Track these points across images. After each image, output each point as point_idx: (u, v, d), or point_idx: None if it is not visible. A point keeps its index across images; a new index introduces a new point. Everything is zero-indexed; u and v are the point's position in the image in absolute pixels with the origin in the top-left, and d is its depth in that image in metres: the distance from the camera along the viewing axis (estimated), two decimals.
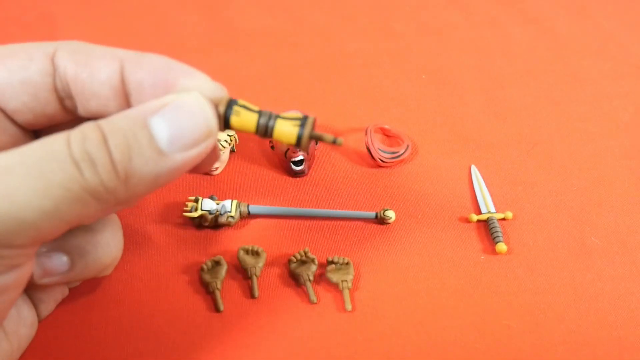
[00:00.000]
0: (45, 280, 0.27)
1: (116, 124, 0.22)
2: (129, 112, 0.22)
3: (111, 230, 0.29)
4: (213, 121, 0.23)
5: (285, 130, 0.24)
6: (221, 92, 0.24)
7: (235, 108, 0.24)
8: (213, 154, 0.26)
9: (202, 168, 0.26)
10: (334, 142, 0.25)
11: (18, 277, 0.23)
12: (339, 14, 0.55)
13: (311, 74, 0.49)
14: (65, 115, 0.26)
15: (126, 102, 0.25)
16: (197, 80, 0.24)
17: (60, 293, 0.31)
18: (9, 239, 0.20)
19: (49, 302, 0.31)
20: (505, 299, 0.34)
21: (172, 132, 0.22)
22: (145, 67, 0.24)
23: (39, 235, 0.21)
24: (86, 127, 0.22)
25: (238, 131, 0.25)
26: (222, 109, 0.24)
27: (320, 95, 0.47)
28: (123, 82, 0.25)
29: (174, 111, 0.22)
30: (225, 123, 0.24)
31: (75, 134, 0.21)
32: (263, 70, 0.49)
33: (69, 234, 0.27)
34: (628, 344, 0.32)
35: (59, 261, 0.27)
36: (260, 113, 0.24)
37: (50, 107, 0.25)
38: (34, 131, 0.27)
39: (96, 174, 0.21)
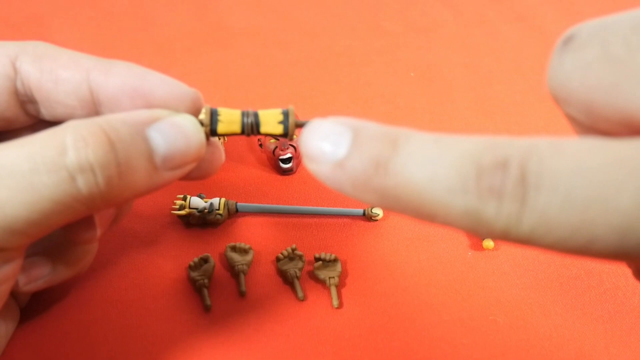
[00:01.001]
0: (30, 286, 0.27)
1: (119, 131, 0.21)
2: (125, 118, 0.22)
3: None
4: (204, 147, 0.23)
5: (270, 124, 0.24)
6: (199, 98, 0.24)
7: (220, 115, 0.24)
8: (216, 159, 0.26)
9: (204, 174, 0.26)
10: None
11: (12, 269, 0.23)
12: (328, 13, 0.56)
13: (300, 72, 0.49)
14: (26, 119, 0.26)
15: (95, 111, 0.24)
16: (174, 88, 0.24)
17: None
18: (1, 245, 0.21)
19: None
20: (492, 294, 0.34)
21: (168, 151, 0.22)
22: (117, 76, 0.24)
23: (29, 239, 0.21)
24: (86, 131, 0.20)
25: (224, 136, 0.25)
26: (207, 121, 0.24)
27: (310, 93, 0.47)
28: (91, 92, 0.24)
29: (171, 130, 0.22)
30: (212, 133, 0.24)
31: (73, 139, 0.20)
32: (252, 69, 0.49)
33: (48, 237, 0.27)
34: (615, 338, 0.32)
35: (42, 266, 0.27)
36: (242, 114, 0.24)
37: (10, 111, 0.25)
38: None
39: (96, 185, 0.20)
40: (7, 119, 0.25)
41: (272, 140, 0.39)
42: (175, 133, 0.22)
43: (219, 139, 0.40)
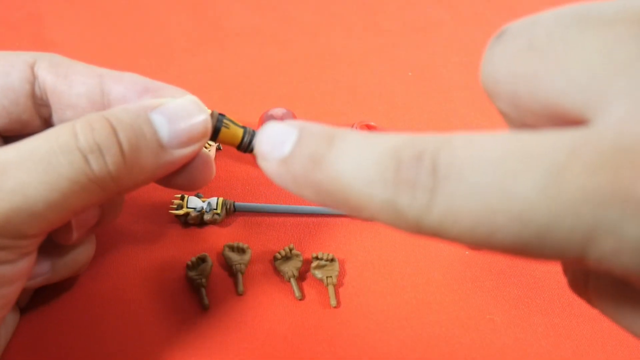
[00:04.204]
0: (30, 283, 0.28)
1: (121, 117, 0.23)
2: (128, 107, 0.24)
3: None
4: (209, 122, 0.25)
5: None
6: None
7: (225, 121, 0.26)
8: (207, 171, 0.27)
9: (195, 184, 0.27)
10: None
11: (28, 264, 0.24)
12: (326, 12, 0.56)
13: (298, 72, 0.49)
14: (39, 124, 0.27)
15: None
16: (179, 92, 0.26)
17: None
18: (23, 230, 0.22)
19: (24, 292, 0.31)
20: (490, 293, 0.34)
21: (172, 129, 0.24)
22: (127, 82, 0.26)
23: (48, 225, 0.22)
24: (92, 119, 0.22)
25: (221, 143, 0.27)
26: (213, 120, 0.26)
27: (307, 92, 0.47)
28: (103, 95, 0.26)
29: (173, 110, 0.24)
30: (214, 134, 0.26)
31: (82, 126, 0.22)
32: (250, 69, 0.49)
33: (48, 237, 0.28)
34: (612, 336, 0.32)
35: (43, 264, 0.28)
36: (245, 129, 0.26)
37: (27, 114, 0.26)
38: (3, 138, 0.28)
39: (104, 164, 0.22)
40: (22, 121, 0.26)
41: None
42: (178, 112, 0.24)
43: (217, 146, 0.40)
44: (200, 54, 0.50)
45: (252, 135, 0.26)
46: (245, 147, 0.26)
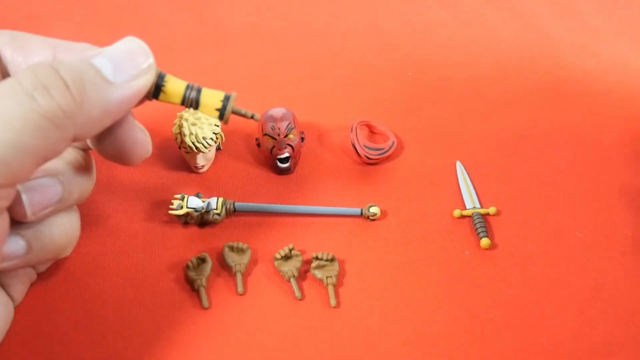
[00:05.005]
0: (4, 265, 0.27)
1: (62, 62, 0.24)
2: (70, 57, 0.25)
3: (64, 210, 0.29)
4: (150, 54, 0.25)
5: (209, 107, 0.27)
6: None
7: (165, 78, 0.26)
8: (141, 147, 0.27)
9: (132, 157, 0.27)
10: (252, 117, 0.28)
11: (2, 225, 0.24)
12: (326, 12, 0.56)
13: (298, 72, 0.49)
14: None
15: None
16: None
17: (28, 277, 0.32)
18: None
19: (18, 286, 0.31)
20: (490, 293, 0.34)
21: (116, 65, 0.24)
22: (78, 50, 0.27)
23: (11, 171, 0.22)
24: (34, 66, 0.23)
25: (165, 102, 0.27)
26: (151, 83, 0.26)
27: (307, 92, 0.47)
28: None
29: (113, 50, 0.25)
30: (155, 92, 0.26)
31: (24, 72, 0.23)
32: (250, 69, 0.49)
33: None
34: (611, 337, 0.32)
35: (16, 245, 0.27)
36: (187, 86, 0.26)
37: None
38: None
39: (52, 98, 0.22)
40: None
41: (270, 140, 0.39)
42: (117, 51, 0.25)
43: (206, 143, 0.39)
44: (200, 54, 0.50)
45: (196, 90, 0.26)
46: (189, 104, 0.26)
